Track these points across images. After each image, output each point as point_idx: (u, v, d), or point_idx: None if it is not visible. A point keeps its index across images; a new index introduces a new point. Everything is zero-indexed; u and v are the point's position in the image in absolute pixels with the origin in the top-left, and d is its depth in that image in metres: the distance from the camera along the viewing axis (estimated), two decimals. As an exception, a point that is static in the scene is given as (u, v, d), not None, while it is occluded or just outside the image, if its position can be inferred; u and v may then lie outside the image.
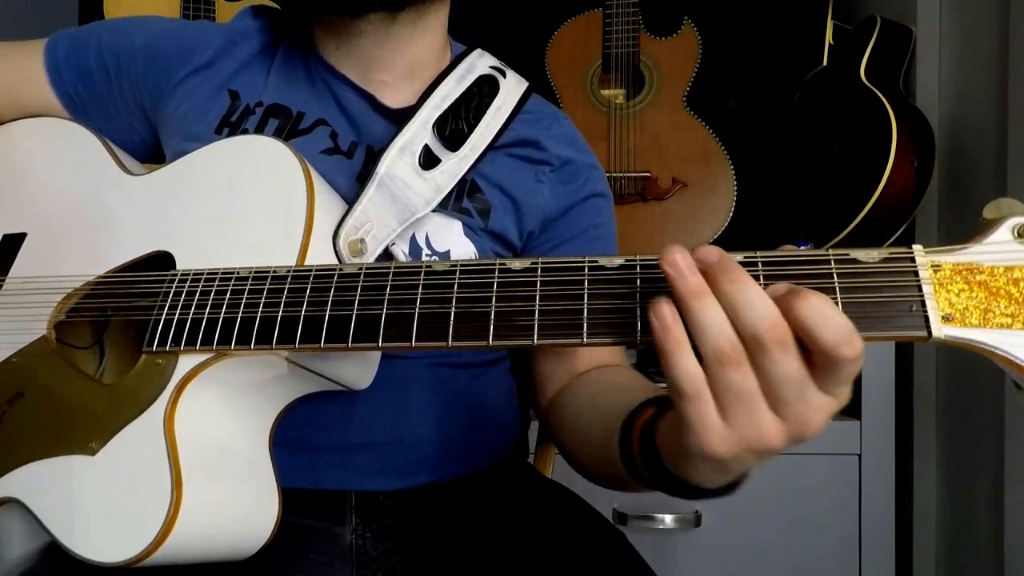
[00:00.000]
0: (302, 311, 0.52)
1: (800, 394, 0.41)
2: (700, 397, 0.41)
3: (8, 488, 0.58)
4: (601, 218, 0.82)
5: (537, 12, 1.70)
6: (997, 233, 0.42)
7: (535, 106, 0.81)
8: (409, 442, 0.71)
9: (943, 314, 0.41)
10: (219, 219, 0.62)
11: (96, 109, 0.79)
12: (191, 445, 0.54)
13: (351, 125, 0.75)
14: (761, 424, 0.41)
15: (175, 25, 0.81)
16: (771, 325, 0.40)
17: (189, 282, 0.57)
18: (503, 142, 0.76)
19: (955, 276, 0.42)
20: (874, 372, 1.25)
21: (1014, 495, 1.06)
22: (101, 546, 0.53)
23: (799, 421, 0.41)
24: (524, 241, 0.78)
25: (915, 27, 1.38)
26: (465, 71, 0.76)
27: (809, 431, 0.41)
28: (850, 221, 1.30)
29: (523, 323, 0.47)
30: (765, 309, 0.40)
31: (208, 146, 0.67)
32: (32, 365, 0.62)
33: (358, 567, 0.68)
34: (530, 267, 0.48)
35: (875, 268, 0.43)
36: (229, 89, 0.76)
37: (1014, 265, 0.42)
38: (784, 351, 0.40)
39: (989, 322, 0.41)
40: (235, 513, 0.57)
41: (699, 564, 1.24)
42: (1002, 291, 0.41)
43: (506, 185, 0.76)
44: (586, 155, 0.82)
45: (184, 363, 0.55)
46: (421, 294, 0.50)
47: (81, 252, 0.66)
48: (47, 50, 0.79)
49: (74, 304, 0.64)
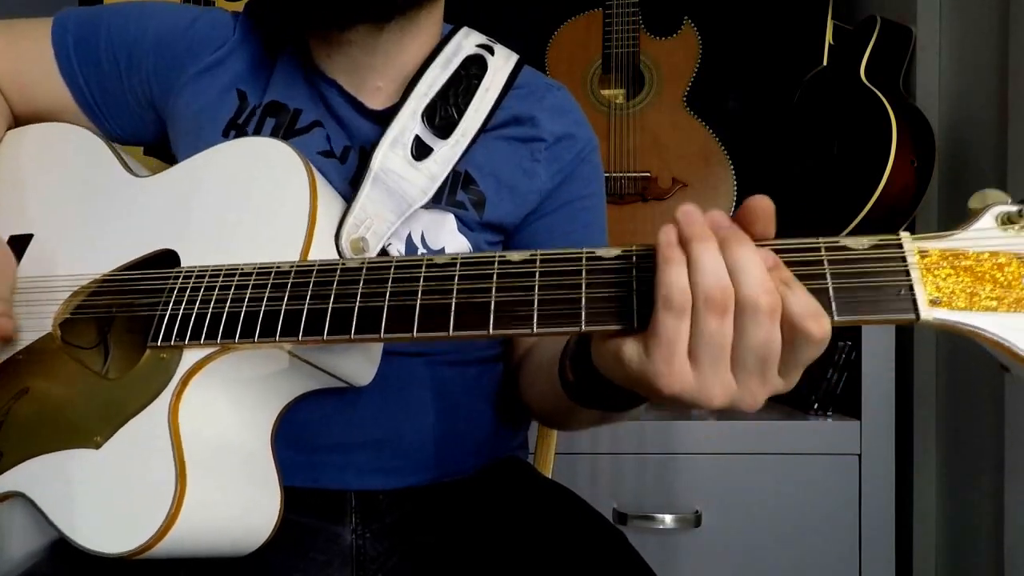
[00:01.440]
0: (305, 304, 0.53)
1: (761, 366, 0.43)
2: (684, 311, 0.43)
3: (13, 482, 0.58)
4: (588, 188, 0.81)
5: (537, 12, 1.70)
6: (982, 221, 0.44)
7: (527, 79, 0.80)
8: (408, 441, 0.71)
9: (931, 298, 0.43)
10: (223, 218, 0.63)
11: (104, 99, 0.79)
12: (195, 439, 0.54)
13: (342, 129, 0.75)
14: (719, 381, 0.43)
15: (186, 16, 0.80)
16: (769, 290, 0.42)
17: (194, 278, 0.58)
18: (496, 122, 0.75)
19: (942, 262, 0.44)
20: (874, 372, 1.25)
21: (1014, 495, 1.06)
22: (104, 537, 0.53)
23: (747, 391, 0.43)
24: (521, 222, 0.78)
25: (915, 27, 1.39)
26: (451, 54, 0.76)
27: (746, 405, 0.44)
28: (850, 221, 1.30)
29: (522, 313, 0.48)
30: (766, 278, 0.42)
31: (213, 148, 0.67)
32: (37, 362, 0.63)
33: (357, 567, 0.68)
34: (529, 259, 0.49)
35: (864, 255, 0.44)
36: (237, 89, 0.76)
37: (999, 251, 0.43)
38: (772, 319, 0.42)
39: (975, 305, 0.43)
40: (237, 507, 0.57)
41: (699, 564, 1.24)
42: (987, 276, 0.43)
43: (501, 172, 0.76)
44: (579, 126, 0.81)
45: (188, 357, 0.56)
46: (422, 286, 0.51)
47: (86, 252, 0.67)
48: (54, 34, 0.78)
49: (80, 302, 0.65)
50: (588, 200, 0.81)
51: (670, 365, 0.43)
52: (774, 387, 0.44)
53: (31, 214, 0.72)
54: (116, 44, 0.78)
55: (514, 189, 0.76)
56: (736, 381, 0.43)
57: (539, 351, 0.74)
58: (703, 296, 0.42)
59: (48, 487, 0.57)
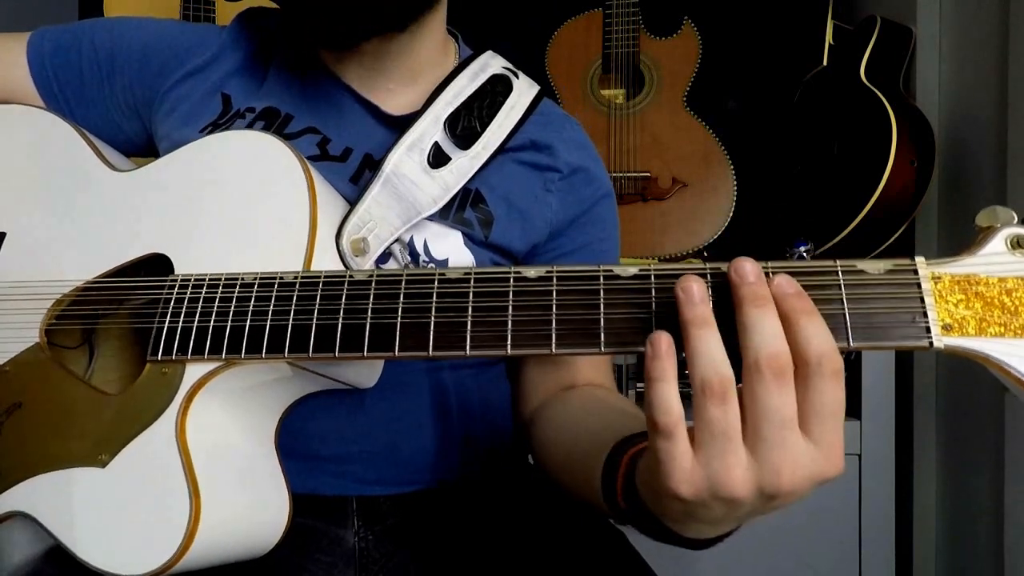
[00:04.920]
0: (313, 319, 0.52)
1: (780, 434, 0.40)
2: (673, 434, 0.41)
3: (15, 502, 0.57)
4: (605, 232, 0.81)
5: (537, 12, 1.70)
6: (992, 244, 0.44)
7: (547, 108, 0.80)
8: (406, 451, 0.71)
9: (943, 324, 0.43)
10: (217, 220, 0.60)
11: (80, 106, 0.78)
12: (204, 453, 0.54)
13: (348, 133, 0.74)
14: (731, 467, 0.40)
15: (171, 27, 0.80)
16: (775, 354, 0.40)
17: (191, 287, 0.56)
18: (514, 144, 0.75)
19: (954, 287, 0.44)
20: (874, 372, 1.25)
21: (1014, 495, 1.07)
22: (121, 559, 0.52)
23: (772, 467, 0.40)
24: (528, 250, 0.77)
25: (915, 27, 1.38)
26: (478, 69, 0.75)
27: (780, 482, 0.40)
28: (850, 221, 1.30)
29: (542, 332, 0.47)
30: (775, 340, 0.40)
31: (198, 141, 0.65)
32: (27, 374, 0.60)
33: (360, 568, 0.69)
34: (545, 275, 0.48)
35: (880, 280, 0.44)
36: (222, 92, 0.75)
37: (1007, 276, 0.43)
38: (780, 380, 0.40)
39: (984, 331, 0.43)
40: (249, 515, 0.57)
41: (699, 564, 1.24)
42: (996, 301, 0.43)
43: (513, 196, 0.75)
44: (595, 162, 0.81)
45: (192, 372, 0.54)
46: (436, 302, 0.50)
47: (68, 253, 0.64)
48: (30, 44, 0.77)
49: (64, 309, 0.62)
50: (605, 243, 0.81)
51: (672, 471, 0.41)
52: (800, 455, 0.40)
53: (1, 209, 0.68)
54: (100, 53, 0.77)
55: (524, 214, 0.75)
56: (757, 459, 0.41)
57: (564, 429, 0.70)
58: (700, 385, 0.41)
59: (54, 507, 0.55)
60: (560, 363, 0.76)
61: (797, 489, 0.41)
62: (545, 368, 0.77)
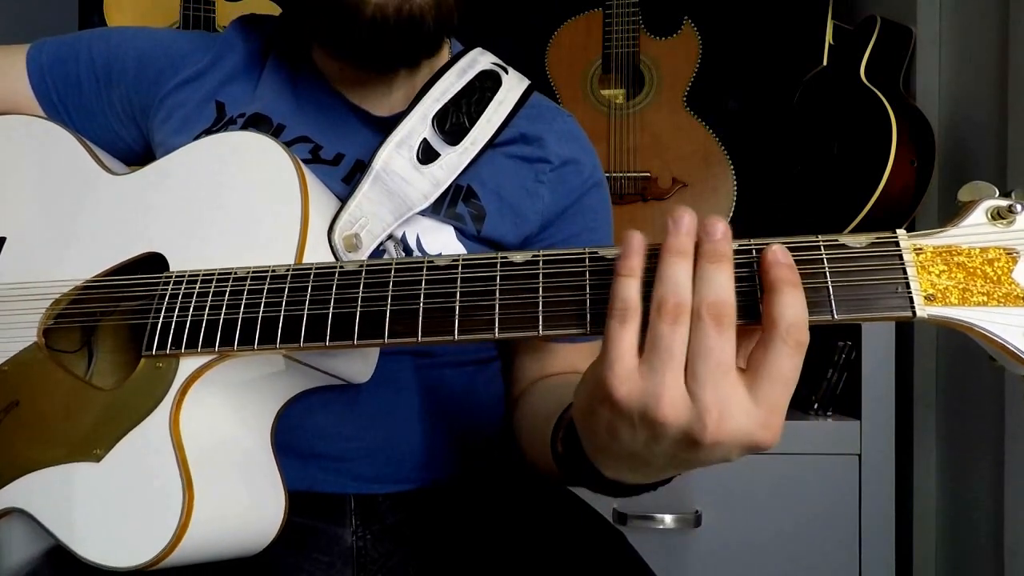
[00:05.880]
0: (304, 310, 0.53)
1: (714, 375, 0.41)
2: (626, 320, 0.43)
3: (11, 499, 0.58)
4: (596, 221, 0.81)
5: (537, 12, 1.70)
6: (973, 216, 0.45)
7: (538, 101, 0.81)
8: (402, 449, 0.71)
9: (925, 294, 0.44)
10: (211, 218, 0.61)
11: (80, 116, 0.79)
12: (198, 446, 0.54)
13: (340, 140, 0.74)
14: (666, 386, 0.42)
15: (167, 35, 0.81)
16: (716, 302, 0.42)
17: (185, 283, 0.57)
18: (504, 139, 0.76)
19: (936, 258, 0.45)
20: (874, 372, 1.25)
21: (1014, 495, 1.06)
22: (113, 551, 0.53)
23: (702, 404, 0.41)
24: (520, 243, 0.78)
25: (915, 27, 1.38)
26: (466, 66, 0.76)
27: (706, 422, 0.41)
28: (850, 221, 1.30)
29: (528, 315, 0.48)
30: (721, 290, 0.42)
31: (193, 143, 0.66)
32: (24, 373, 0.61)
33: (359, 568, 0.69)
34: (531, 260, 0.49)
35: (862, 252, 0.45)
36: (216, 100, 0.76)
37: (988, 246, 0.44)
38: (717, 327, 0.41)
39: (967, 301, 0.44)
40: (244, 511, 0.57)
41: (699, 564, 1.24)
42: (978, 271, 0.44)
43: (504, 190, 0.76)
44: (586, 153, 0.81)
45: (185, 366, 0.55)
46: (424, 289, 0.50)
47: (67, 255, 0.65)
48: (30, 56, 0.79)
49: (62, 309, 0.63)
50: (596, 233, 0.81)
51: (614, 363, 0.43)
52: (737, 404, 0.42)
53: (1, 214, 0.70)
54: (98, 63, 0.78)
55: (515, 208, 0.76)
56: (691, 394, 0.42)
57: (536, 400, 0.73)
58: (656, 303, 0.43)
59: (49, 502, 0.56)
60: (543, 351, 0.77)
61: (722, 439, 0.42)
62: (529, 356, 0.78)
